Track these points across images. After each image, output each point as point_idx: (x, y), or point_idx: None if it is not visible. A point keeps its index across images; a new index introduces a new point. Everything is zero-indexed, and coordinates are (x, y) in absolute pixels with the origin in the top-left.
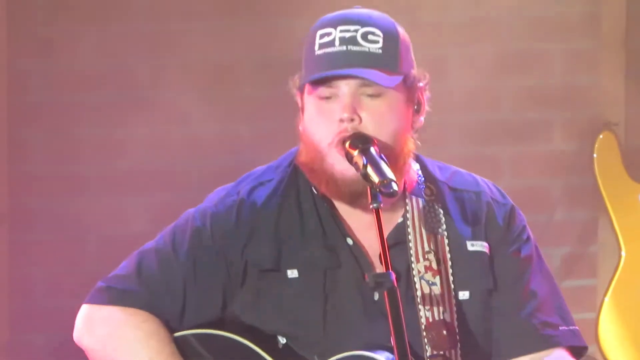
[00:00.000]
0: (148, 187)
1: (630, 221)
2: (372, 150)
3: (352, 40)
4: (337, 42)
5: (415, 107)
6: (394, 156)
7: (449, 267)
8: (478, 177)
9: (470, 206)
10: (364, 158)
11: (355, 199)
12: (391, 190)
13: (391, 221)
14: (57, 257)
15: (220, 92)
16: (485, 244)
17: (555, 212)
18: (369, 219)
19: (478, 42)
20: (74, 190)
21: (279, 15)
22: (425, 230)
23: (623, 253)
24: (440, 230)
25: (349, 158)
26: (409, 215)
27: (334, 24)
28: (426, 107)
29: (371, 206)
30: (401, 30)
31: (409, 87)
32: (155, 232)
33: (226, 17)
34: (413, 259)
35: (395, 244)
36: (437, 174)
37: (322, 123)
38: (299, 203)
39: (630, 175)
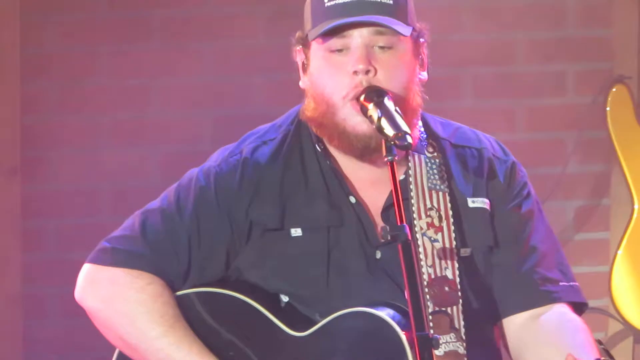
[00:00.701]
0: (163, 138)
1: None
2: (387, 102)
3: None
4: None
5: (420, 62)
6: (405, 109)
7: (450, 224)
8: (480, 133)
9: (472, 162)
10: (378, 111)
11: (365, 154)
12: (406, 143)
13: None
14: (70, 208)
15: (235, 41)
16: (487, 200)
17: (568, 165)
18: (371, 175)
19: None
20: (87, 141)
21: None
22: (427, 187)
23: (636, 206)
24: (442, 187)
25: (364, 111)
26: (411, 172)
27: None
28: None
29: (386, 159)
30: None
31: (415, 41)
32: (170, 183)
33: None
34: (415, 215)
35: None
36: (439, 130)
37: (335, 76)
38: (302, 161)
39: None
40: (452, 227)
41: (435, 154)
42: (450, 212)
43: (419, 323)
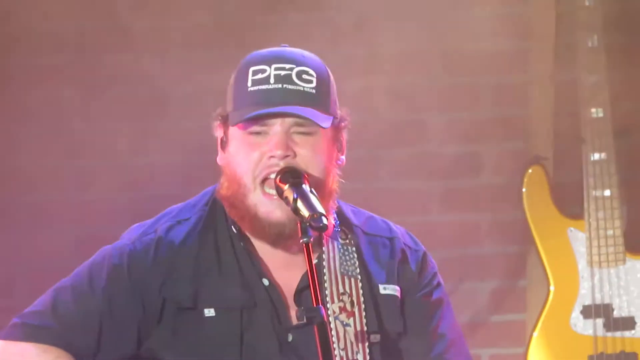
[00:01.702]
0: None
1: (559, 255)
2: (303, 184)
3: (288, 79)
4: (272, 80)
5: (339, 146)
6: (323, 193)
7: (362, 309)
8: (391, 223)
9: (384, 251)
10: (294, 192)
11: (279, 241)
12: (321, 224)
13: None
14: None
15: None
16: (398, 287)
17: (484, 246)
18: (285, 258)
19: (407, 74)
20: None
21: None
22: (340, 272)
23: (552, 287)
24: (354, 273)
25: (279, 192)
26: (324, 257)
27: (268, 61)
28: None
29: (301, 240)
30: (329, 72)
31: (336, 127)
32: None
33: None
34: (328, 299)
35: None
36: (352, 218)
37: (250, 157)
38: (216, 242)
39: (558, 210)
40: (364, 313)
41: (348, 240)
42: (362, 298)
43: None
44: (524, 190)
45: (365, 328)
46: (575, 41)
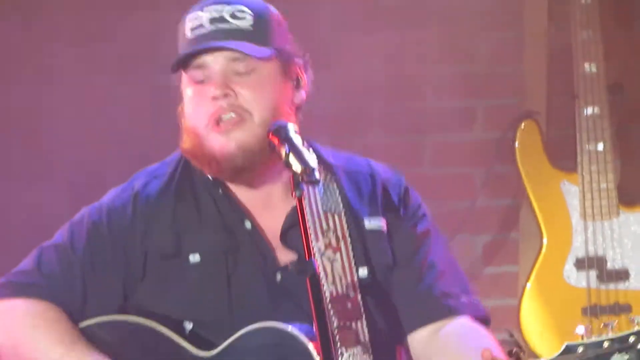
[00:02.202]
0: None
1: (552, 208)
2: (294, 137)
3: (221, 20)
4: (206, 23)
5: (294, 82)
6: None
7: (348, 244)
8: (371, 160)
9: (366, 186)
10: (286, 146)
11: (237, 176)
12: (314, 179)
13: (287, 202)
14: None
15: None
16: (383, 219)
17: (477, 199)
18: (263, 198)
19: (401, 28)
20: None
21: None
22: (322, 210)
23: (545, 240)
24: (337, 209)
25: (272, 147)
26: (304, 197)
27: (202, 6)
28: (308, 85)
29: (294, 194)
30: (274, 11)
31: (284, 62)
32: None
33: None
34: (313, 237)
35: (295, 225)
36: (330, 158)
37: (198, 106)
38: (194, 190)
39: (551, 164)
40: (350, 247)
41: (328, 178)
42: (347, 233)
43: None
44: (516, 144)
45: (352, 262)
46: None
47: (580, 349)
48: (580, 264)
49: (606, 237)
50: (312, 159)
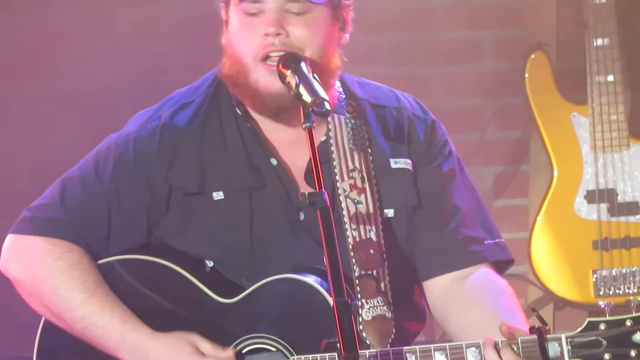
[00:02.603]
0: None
1: (562, 140)
2: (304, 69)
3: None
4: None
5: (341, 25)
6: (322, 71)
7: (373, 185)
8: (399, 92)
9: (392, 122)
10: (296, 77)
11: (279, 114)
12: (324, 110)
13: (315, 139)
14: None
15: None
16: (409, 160)
17: (487, 131)
18: (291, 137)
19: None
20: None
21: None
22: (349, 148)
23: (555, 172)
24: (363, 147)
25: (282, 78)
26: (331, 134)
27: None
28: (351, 27)
29: (304, 126)
30: None
31: (335, 5)
32: (87, 150)
33: None
34: (338, 177)
35: (320, 163)
36: (358, 90)
37: (247, 37)
38: (221, 124)
39: (562, 95)
40: (375, 188)
41: (355, 114)
42: (373, 173)
43: (338, 289)
44: (526, 75)
45: (377, 204)
46: None
47: (602, 326)
48: (590, 197)
49: (617, 170)
50: (321, 90)
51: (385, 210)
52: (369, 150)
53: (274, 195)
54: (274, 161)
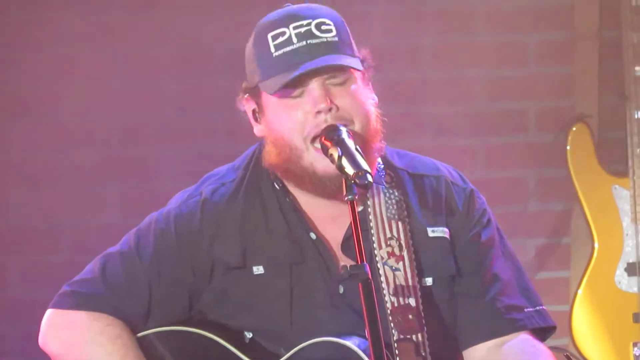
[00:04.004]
0: (121, 175)
1: (603, 213)
2: (347, 140)
3: (309, 34)
4: (295, 39)
5: (369, 87)
6: (370, 136)
7: (411, 253)
8: (438, 162)
9: (430, 191)
10: (339, 149)
11: (336, 193)
12: (366, 182)
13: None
14: (31, 248)
15: (196, 80)
16: (446, 229)
17: (529, 203)
18: (330, 211)
19: (452, 32)
20: (46, 179)
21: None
22: (387, 217)
23: (596, 245)
24: (401, 216)
25: (325, 150)
26: (369, 203)
27: (284, 22)
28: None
29: (346, 198)
30: (340, 16)
31: (364, 68)
32: (130, 222)
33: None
34: (375, 245)
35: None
36: (396, 160)
37: (294, 119)
38: (262, 200)
39: (603, 168)
40: (413, 256)
41: (393, 184)
42: (411, 242)
43: (378, 354)
44: (568, 148)
45: (415, 272)
46: None
47: None
48: (631, 269)
49: None
50: (364, 162)
51: (424, 279)
52: (407, 220)
53: (314, 269)
54: (313, 235)
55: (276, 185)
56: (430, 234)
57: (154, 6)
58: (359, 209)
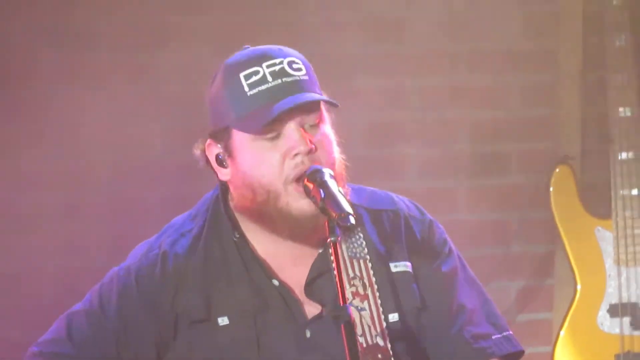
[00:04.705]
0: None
1: (586, 254)
2: (330, 182)
3: (283, 72)
4: (269, 78)
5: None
6: (340, 178)
7: (375, 290)
8: (394, 194)
9: (389, 226)
10: (321, 191)
11: (311, 234)
12: (349, 224)
13: (312, 252)
14: (12, 289)
15: (182, 119)
16: (408, 262)
17: (511, 245)
18: (292, 253)
19: (434, 74)
20: (29, 220)
21: None
22: (348, 256)
23: (579, 286)
24: (362, 254)
25: (307, 192)
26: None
27: (256, 62)
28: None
29: (329, 240)
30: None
31: (327, 109)
32: (116, 264)
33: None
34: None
35: (320, 274)
36: (353, 197)
37: (272, 163)
38: (222, 249)
39: (586, 209)
40: (377, 294)
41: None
42: (374, 279)
43: None
44: (551, 189)
45: (380, 309)
46: (603, 40)
47: None
48: (613, 311)
49: (639, 283)
50: (347, 203)
51: (390, 315)
52: (368, 257)
53: (279, 316)
54: (275, 282)
55: (235, 234)
56: (393, 269)
57: (143, 47)
58: (320, 250)
